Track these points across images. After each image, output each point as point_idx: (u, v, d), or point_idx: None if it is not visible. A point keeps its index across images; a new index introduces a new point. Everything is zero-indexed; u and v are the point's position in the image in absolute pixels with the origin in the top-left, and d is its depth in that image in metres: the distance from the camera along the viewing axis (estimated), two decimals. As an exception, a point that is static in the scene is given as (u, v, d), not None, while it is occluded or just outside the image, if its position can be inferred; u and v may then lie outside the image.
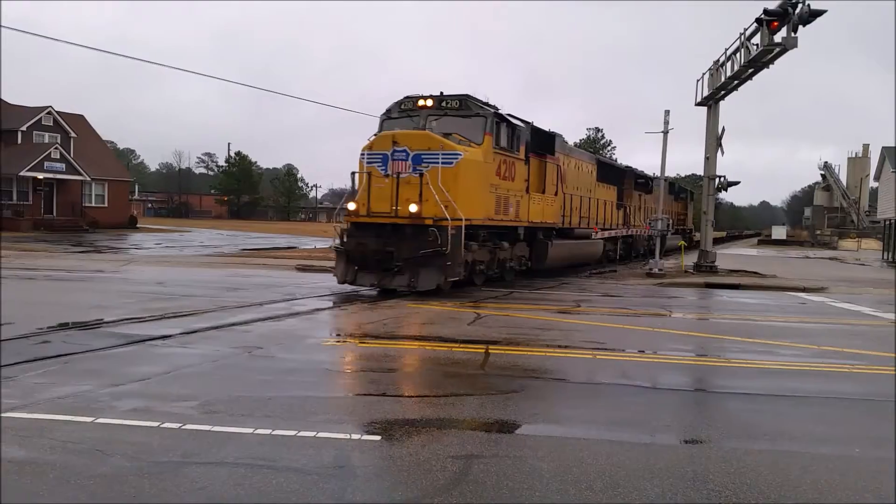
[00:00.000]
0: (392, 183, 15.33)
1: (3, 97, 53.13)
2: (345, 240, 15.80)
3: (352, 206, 15.79)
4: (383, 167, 15.52)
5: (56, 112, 53.33)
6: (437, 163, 15.23)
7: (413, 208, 14.99)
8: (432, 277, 14.99)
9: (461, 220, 15.11)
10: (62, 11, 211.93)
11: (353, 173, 16.17)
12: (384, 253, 15.09)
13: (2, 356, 7.71)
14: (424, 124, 16.49)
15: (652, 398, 7.21)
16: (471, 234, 16.04)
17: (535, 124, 19.81)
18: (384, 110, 17.69)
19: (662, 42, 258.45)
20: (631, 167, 34.69)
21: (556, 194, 21.24)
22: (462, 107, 16.75)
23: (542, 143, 20.20)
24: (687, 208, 48.60)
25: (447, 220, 14.88)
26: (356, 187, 16.01)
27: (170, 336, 9.60)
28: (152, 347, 8.88)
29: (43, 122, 52.18)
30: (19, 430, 5.33)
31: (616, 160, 54.17)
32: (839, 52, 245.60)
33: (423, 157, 15.32)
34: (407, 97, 17.38)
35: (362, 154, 15.95)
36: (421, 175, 15.09)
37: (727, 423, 6.29)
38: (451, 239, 14.97)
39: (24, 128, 50.81)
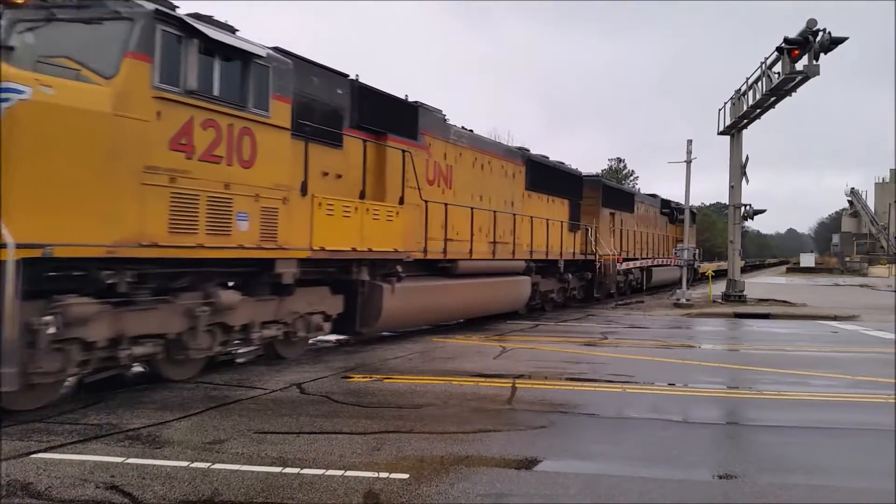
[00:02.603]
0: None
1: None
2: None
3: None
4: None
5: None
6: None
7: None
8: None
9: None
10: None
11: None
12: None
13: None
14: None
15: (684, 432, 7.10)
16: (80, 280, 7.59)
17: (362, 81, 12.39)
18: None
19: (685, 72, 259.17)
20: (598, 177, 27.59)
21: (417, 203, 13.58)
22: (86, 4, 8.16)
23: (386, 114, 12.92)
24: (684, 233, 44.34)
25: None
26: None
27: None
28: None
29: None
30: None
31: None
32: (864, 78, 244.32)
33: None
34: None
35: None
36: None
37: (761, 458, 6.16)
38: None
39: None
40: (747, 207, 26.14)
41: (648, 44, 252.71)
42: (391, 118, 13.12)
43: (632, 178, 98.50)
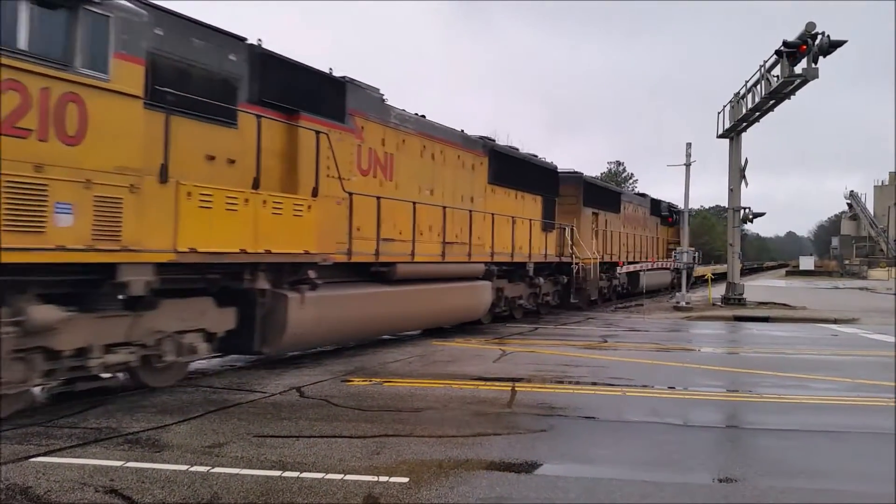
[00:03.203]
0: None
1: None
2: None
3: None
4: None
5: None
6: None
7: None
8: None
9: None
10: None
11: None
12: None
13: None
14: None
15: (684, 436, 7.09)
16: None
17: (266, 48, 10.48)
18: None
19: (685, 75, 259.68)
20: (578, 174, 24.53)
21: (339, 196, 11.53)
22: None
23: (298, 89, 10.97)
24: (679, 235, 39.30)
25: None
26: None
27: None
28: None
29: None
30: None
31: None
32: (864, 80, 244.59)
33: None
34: None
35: None
36: None
37: (761, 461, 6.15)
38: None
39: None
40: (747, 210, 26.15)
41: (649, 47, 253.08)
42: (306, 94, 11.05)
43: (631, 181, 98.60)
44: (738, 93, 24.88)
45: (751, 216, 26.58)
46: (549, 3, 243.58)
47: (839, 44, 20.37)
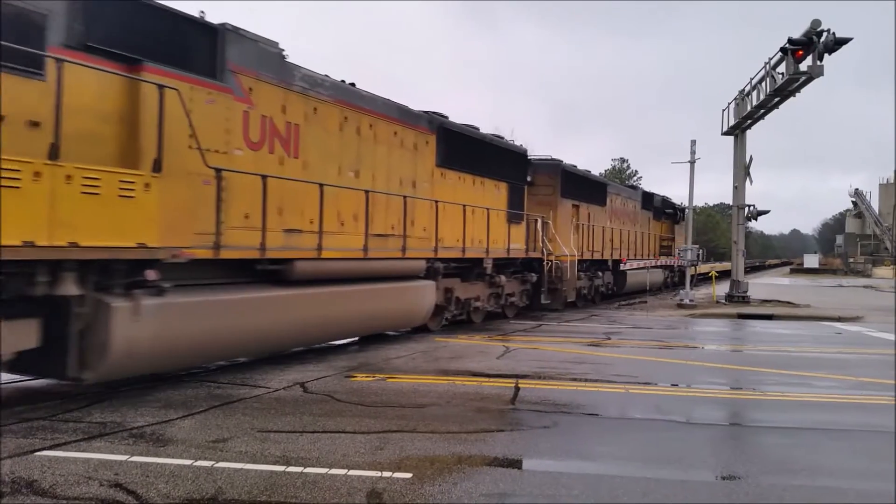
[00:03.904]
0: None
1: None
2: None
3: None
4: None
5: None
6: None
7: None
8: None
9: None
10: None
11: None
12: None
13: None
14: None
15: (687, 433, 7.09)
16: None
17: None
18: None
19: (690, 72, 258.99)
20: (556, 161, 22.17)
21: (200, 173, 8.83)
22: None
23: (140, 32, 8.40)
24: (673, 231, 36.53)
25: None
26: None
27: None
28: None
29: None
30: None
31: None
32: (869, 78, 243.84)
33: None
34: None
35: None
36: None
37: (764, 459, 6.15)
38: None
39: None
40: (751, 208, 26.12)
41: (654, 45, 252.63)
42: (155, 40, 8.51)
43: (635, 178, 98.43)
44: (743, 90, 24.84)
45: (755, 214, 26.55)
46: (555, 3, 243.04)
47: (845, 41, 20.30)
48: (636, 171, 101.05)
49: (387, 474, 5.37)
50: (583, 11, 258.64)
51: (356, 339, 13.32)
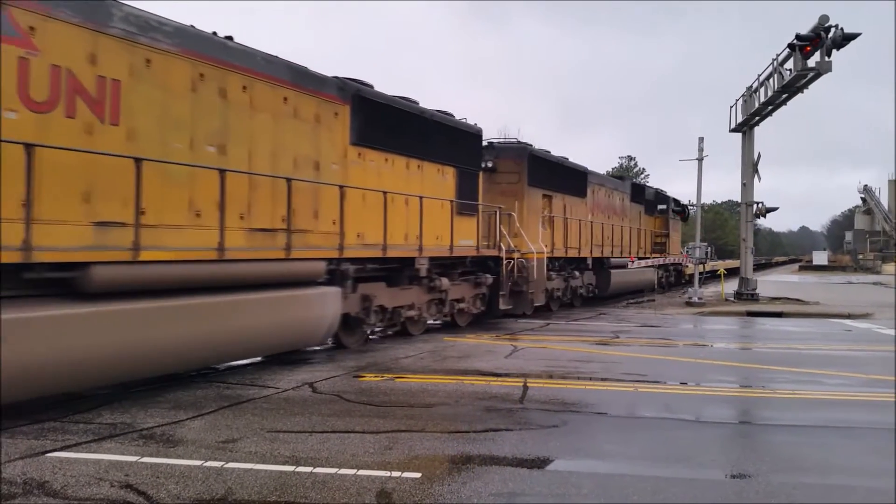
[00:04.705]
0: None
1: None
2: None
3: None
4: None
5: None
6: None
7: None
8: None
9: None
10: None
11: None
12: None
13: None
14: None
15: (696, 432, 7.08)
16: None
17: None
18: None
19: (698, 69, 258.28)
20: (524, 145, 19.98)
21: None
22: None
23: None
24: (668, 227, 33.38)
25: None
26: None
27: None
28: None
29: None
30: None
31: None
32: (877, 74, 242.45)
33: None
34: None
35: None
36: None
37: (774, 457, 6.13)
38: None
39: None
40: (759, 205, 26.03)
41: (661, 43, 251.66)
42: None
43: (643, 175, 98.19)
44: (751, 87, 24.76)
45: (764, 211, 26.45)
46: (562, 2, 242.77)
47: (853, 37, 20.21)
48: (643, 168, 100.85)
49: (396, 474, 5.38)
50: (591, 9, 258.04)
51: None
